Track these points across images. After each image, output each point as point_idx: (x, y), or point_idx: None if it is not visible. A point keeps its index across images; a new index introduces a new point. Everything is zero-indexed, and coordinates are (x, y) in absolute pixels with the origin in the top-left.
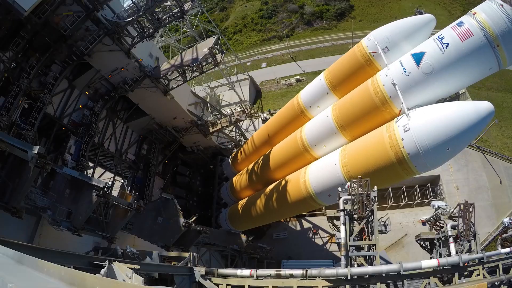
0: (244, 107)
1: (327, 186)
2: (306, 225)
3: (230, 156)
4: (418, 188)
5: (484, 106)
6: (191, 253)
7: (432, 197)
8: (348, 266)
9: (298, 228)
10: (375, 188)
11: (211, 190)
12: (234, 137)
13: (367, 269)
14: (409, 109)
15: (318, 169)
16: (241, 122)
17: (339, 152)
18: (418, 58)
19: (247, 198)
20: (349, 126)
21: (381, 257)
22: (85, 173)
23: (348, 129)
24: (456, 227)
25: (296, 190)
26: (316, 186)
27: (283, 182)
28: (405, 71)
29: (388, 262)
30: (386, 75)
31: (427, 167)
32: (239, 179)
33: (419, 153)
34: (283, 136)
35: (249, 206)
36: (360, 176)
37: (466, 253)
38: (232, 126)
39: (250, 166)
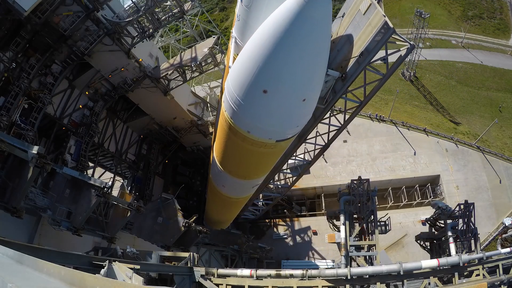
0: None
1: (215, 175)
2: (305, 225)
3: None
4: (418, 188)
5: None
6: (191, 253)
7: (432, 197)
8: (348, 266)
9: (298, 228)
10: (376, 188)
11: None
12: None
13: (367, 269)
14: None
15: None
16: None
17: None
18: None
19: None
20: None
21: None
22: (85, 173)
23: None
24: (456, 227)
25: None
26: (212, 175)
27: None
28: (238, 18)
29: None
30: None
31: (258, 127)
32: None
33: (233, 109)
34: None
35: (208, 206)
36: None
37: (466, 253)
38: None
39: None
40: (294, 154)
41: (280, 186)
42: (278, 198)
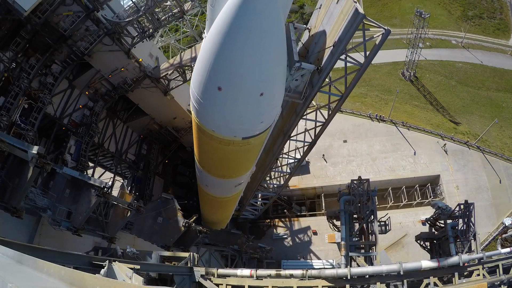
0: None
1: (198, 175)
2: (305, 225)
3: None
4: (418, 188)
5: None
6: (191, 253)
7: (432, 197)
8: (348, 266)
9: (298, 228)
10: (376, 188)
11: None
12: None
13: (367, 269)
14: None
15: None
16: None
17: None
18: None
19: None
20: None
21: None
22: (85, 173)
23: None
24: (456, 227)
25: None
26: (197, 175)
27: None
28: (207, 18)
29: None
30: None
31: (220, 125)
32: None
33: (196, 108)
34: None
35: (201, 206)
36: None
37: (466, 253)
38: None
39: None
40: (285, 152)
41: (275, 186)
42: (274, 197)
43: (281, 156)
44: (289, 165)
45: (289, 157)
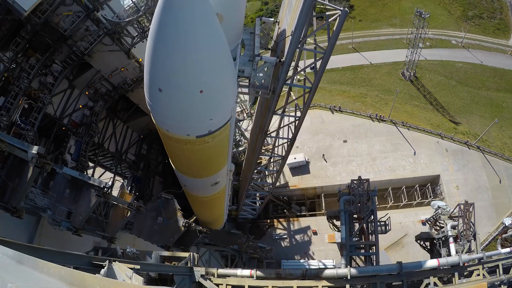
0: (244, 107)
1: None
2: (305, 225)
3: None
4: (418, 188)
5: None
6: (191, 253)
7: (432, 197)
8: (348, 266)
9: (298, 228)
10: (376, 188)
11: None
12: (234, 137)
13: (367, 269)
14: None
15: None
16: (241, 122)
17: None
18: None
19: None
20: None
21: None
22: (85, 173)
23: None
24: (456, 227)
25: None
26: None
27: None
28: None
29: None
30: None
31: (171, 125)
32: None
33: (149, 109)
34: None
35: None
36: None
37: (466, 253)
38: None
39: None
40: (271, 149)
41: (268, 184)
42: (268, 196)
43: (268, 154)
44: (277, 163)
45: (276, 155)
